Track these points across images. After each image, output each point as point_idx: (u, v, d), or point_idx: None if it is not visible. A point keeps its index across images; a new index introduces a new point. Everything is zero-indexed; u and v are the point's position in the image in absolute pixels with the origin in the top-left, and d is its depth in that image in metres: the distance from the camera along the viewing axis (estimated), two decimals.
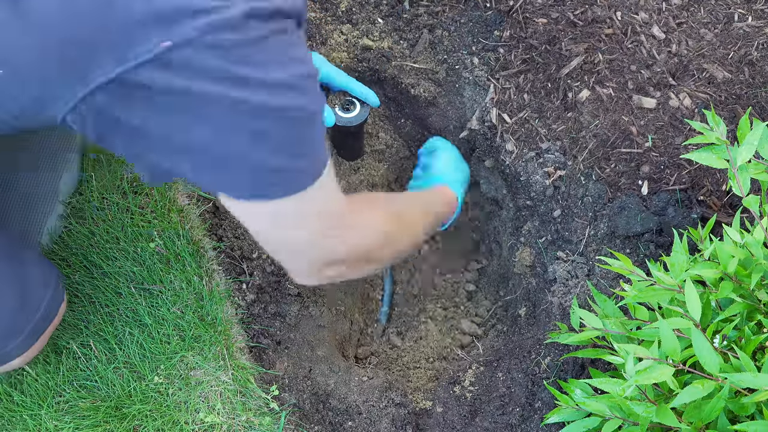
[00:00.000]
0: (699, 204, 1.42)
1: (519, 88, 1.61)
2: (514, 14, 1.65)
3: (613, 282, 1.41)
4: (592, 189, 1.48)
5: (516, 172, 1.56)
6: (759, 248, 1.04)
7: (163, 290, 1.42)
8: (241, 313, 1.47)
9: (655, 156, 1.48)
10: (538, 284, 1.54)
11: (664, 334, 0.95)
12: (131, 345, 1.37)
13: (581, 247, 1.48)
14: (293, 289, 1.56)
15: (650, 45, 1.58)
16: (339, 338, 1.56)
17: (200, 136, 0.93)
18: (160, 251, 1.45)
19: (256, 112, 0.92)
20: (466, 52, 1.67)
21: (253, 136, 0.94)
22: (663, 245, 1.41)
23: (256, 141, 0.95)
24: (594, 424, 1.10)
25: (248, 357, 1.44)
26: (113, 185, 1.51)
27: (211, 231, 1.55)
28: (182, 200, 1.53)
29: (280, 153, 0.97)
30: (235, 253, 1.55)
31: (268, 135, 0.95)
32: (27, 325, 1.25)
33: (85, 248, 1.46)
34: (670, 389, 1.01)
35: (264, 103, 0.92)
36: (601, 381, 1.00)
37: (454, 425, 1.42)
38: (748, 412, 0.96)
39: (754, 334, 1.01)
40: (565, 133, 1.54)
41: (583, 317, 1.14)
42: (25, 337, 1.26)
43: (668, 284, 1.04)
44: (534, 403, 1.37)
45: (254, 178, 0.99)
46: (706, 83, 1.54)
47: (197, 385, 1.35)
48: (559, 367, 1.38)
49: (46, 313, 1.28)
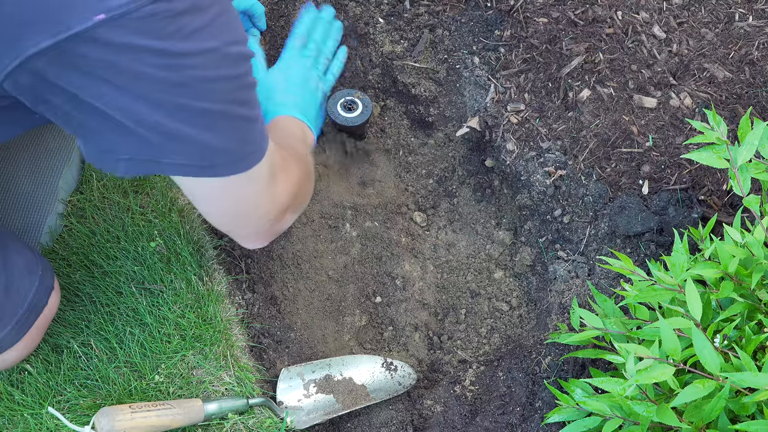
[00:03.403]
0: (700, 204, 1.42)
1: (520, 88, 1.61)
2: (515, 14, 1.65)
3: (613, 282, 1.41)
4: (593, 188, 1.48)
5: (516, 171, 1.56)
6: (759, 248, 1.04)
7: (163, 289, 1.42)
8: (242, 313, 1.48)
9: (656, 155, 1.48)
10: (538, 284, 1.54)
11: (664, 333, 0.95)
12: (132, 344, 1.37)
13: (582, 246, 1.48)
14: (293, 288, 1.56)
15: (651, 44, 1.58)
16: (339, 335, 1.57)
17: (134, 111, 0.94)
18: (160, 250, 1.45)
19: (188, 87, 0.94)
20: (466, 52, 1.67)
21: (189, 113, 0.95)
22: (663, 245, 1.41)
23: (192, 118, 0.96)
24: (594, 424, 1.10)
25: (249, 356, 1.44)
26: (114, 184, 1.51)
27: (212, 230, 1.55)
28: (183, 200, 1.53)
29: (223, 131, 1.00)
30: (236, 252, 1.55)
31: (206, 112, 0.97)
32: (14, 315, 1.24)
33: (85, 247, 1.46)
34: (670, 389, 1.01)
35: (198, 77, 0.93)
36: (601, 380, 1.00)
37: (455, 425, 1.42)
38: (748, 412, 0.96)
39: (754, 333, 1.01)
40: (566, 132, 1.54)
41: (583, 317, 1.14)
42: (13, 327, 1.24)
43: (669, 284, 1.04)
44: (534, 403, 1.37)
45: (197, 156, 1.01)
46: (706, 83, 1.54)
47: (199, 384, 1.35)
48: (559, 367, 1.38)
49: (35, 302, 1.27)
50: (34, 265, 1.28)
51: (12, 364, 1.32)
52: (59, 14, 0.86)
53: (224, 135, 1.01)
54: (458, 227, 1.66)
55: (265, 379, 1.44)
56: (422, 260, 1.63)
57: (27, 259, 1.27)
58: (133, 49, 0.88)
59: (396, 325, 1.57)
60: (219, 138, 1.00)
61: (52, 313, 1.32)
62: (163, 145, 0.98)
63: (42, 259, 1.31)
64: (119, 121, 0.95)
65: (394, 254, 1.62)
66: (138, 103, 0.93)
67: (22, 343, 1.28)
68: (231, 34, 0.98)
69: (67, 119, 0.98)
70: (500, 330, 1.55)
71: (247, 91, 1.03)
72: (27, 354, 1.32)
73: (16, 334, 1.26)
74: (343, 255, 1.61)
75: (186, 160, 1.01)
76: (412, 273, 1.62)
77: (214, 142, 1.00)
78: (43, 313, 1.29)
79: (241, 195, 1.12)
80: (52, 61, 0.88)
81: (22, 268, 1.26)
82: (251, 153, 1.07)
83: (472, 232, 1.65)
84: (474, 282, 1.61)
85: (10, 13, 0.86)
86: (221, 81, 0.97)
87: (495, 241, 1.63)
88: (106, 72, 0.90)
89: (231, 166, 1.05)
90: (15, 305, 1.24)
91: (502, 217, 1.64)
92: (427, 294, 1.60)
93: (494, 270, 1.61)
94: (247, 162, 1.06)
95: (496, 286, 1.59)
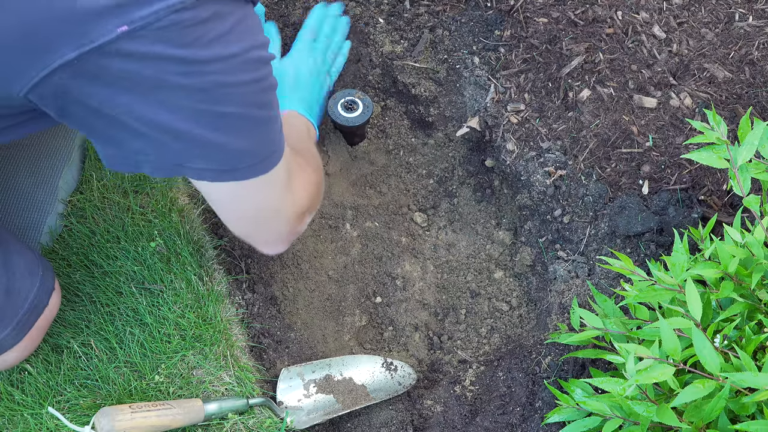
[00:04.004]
0: (700, 203, 1.42)
1: (520, 88, 1.61)
2: (515, 14, 1.65)
3: (613, 282, 1.41)
4: (593, 188, 1.48)
5: (516, 171, 1.56)
6: (760, 248, 1.04)
7: (163, 289, 1.42)
8: (242, 313, 1.48)
9: (656, 155, 1.48)
10: (538, 284, 1.54)
11: (664, 333, 0.95)
12: (132, 344, 1.37)
13: (582, 246, 1.48)
14: (293, 288, 1.56)
15: (651, 44, 1.58)
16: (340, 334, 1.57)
17: (157, 120, 0.95)
18: (160, 250, 1.45)
19: (210, 93, 0.95)
20: (466, 52, 1.67)
21: (210, 119, 0.96)
22: (663, 245, 1.41)
23: (214, 123, 0.97)
24: (594, 424, 1.10)
25: (249, 356, 1.44)
26: (114, 184, 1.51)
27: (212, 230, 1.55)
28: (183, 200, 1.53)
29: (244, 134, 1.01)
30: (236, 252, 1.55)
31: (227, 116, 0.97)
32: (15, 316, 1.24)
33: (85, 247, 1.46)
34: (670, 389, 1.01)
35: (220, 82, 0.94)
36: (601, 380, 1.00)
37: (455, 425, 1.42)
38: (748, 412, 0.96)
39: (754, 333, 1.01)
40: (566, 132, 1.54)
41: (583, 317, 1.14)
42: (14, 328, 1.25)
43: (669, 284, 1.04)
44: (534, 403, 1.37)
45: (219, 160, 1.01)
46: (706, 83, 1.54)
47: (199, 384, 1.35)
48: (559, 367, 1.38)
49: (36, 303, 1.27)
50: (35, 266, 1.28)
51: (12, 364, 1.32)
52: (84, 27, 0.87)
53: (245, 138, 1.02)
54: (458, 227, 1.66)
55: (265, 379, 1.44)
56: (422, 260, 1.63)
57: (28, 260, 1.27)
58: (155, 59, 0.90)
59: (396, 325, 1.57)
60: (240, 141, 1.01)
61: (52, 314, 1.32)
62: (186, 151, 0.99)
63: (42, 259, 1.31)
64: (142, 131, 0.96)
65: (395, 254, 1.62)
66: (161, 112, 0.94)
67: (23, 343, 1.28)
68: (252, 39, 0.99)
69: (90, 129, 1.00)
70: (500, 330, 1.55)
71: (267, 93, 1.04)
72: (27, 355, 1.32)
73: (17, 335, 1.26)
74: (344, 255, 1.61)
75: (207, 165, 1.02)
76: (413, 273, 1.62)
77: (235, 145, 1.01)
78: (43, 314, 1.29)
79: (261, 198, 1.12)
80: (76, 73, 0.89)
81: (23, 269, 1.26)
82: (271, 154, 1.08)
83: (472, 232, 1.65)
84: (474, 282, 1.61)
85: (36, 25, 0.87)
86: (242, 86, 0.98)
87: (495, 241, 1.63)
88: (128, 82, 0.91)
89: (252, 169, 1.06)
90: (16, 306, 1.24)
91: (502, 217, 1.64)
92: (427, 294, 1.61)
93: (494, 270, 1.61)
94: (267, 164, 1.07)
95: (496, 286, 1.60)
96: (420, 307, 1.59)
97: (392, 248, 1.63)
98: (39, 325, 1.29)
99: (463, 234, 1.66)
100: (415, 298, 1.59)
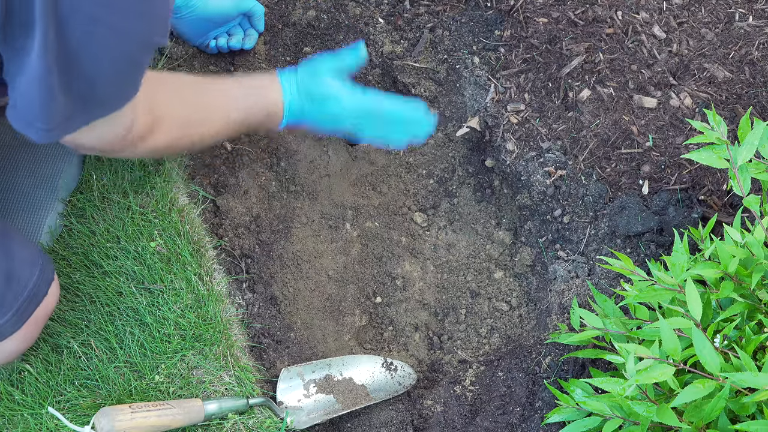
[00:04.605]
0: (700, 203, 1.42)
1: (520, 88, 1.61)
2: (515, 14, 1.66)
3: (613, 282, 1.41)
4: (593, 188, 1.48)
5: (516, 171, 1.56)
6: (759, 248, 1.04)
7: (163, 289, 1.42)
8: (242, 313, 1.48)
9: (656, 155, 1.48)
10: (538, 284, 1.54)
11: (664, 333, 0.95)
12: (132, 344, 1.37)
13: (582, 246, 1.48)
14: (293, 288, 1.56)
15: (651, 44, 1.58)
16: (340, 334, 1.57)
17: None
18: (160, 250, 1.45)
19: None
20: (466, 52, 1.67)
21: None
22: (663, 245, 1.41)
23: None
24: (594, 424, 1.10)
25: (249, 356, 1.44)
26: (114, 184, 1.51)
27: (212, 230, 1.55)
28: (183, 200, 1.53)
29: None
30: (235, 252, 1.55)
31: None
32: (14, 302, 1.24)
33: (85, 247, 1.46)
34: (670, 389, 1.01)
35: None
36: (601, 380, 1.00)
37: (455, 425, 1.42)
38: (748, 412, 0.96)
39: (754, 333, 1.01)
40: (566, 132, 1.54)
41: (583, 317, 1.14)
42: (14, 314, 1.25)
43: (669, 284, 1.04)
44: (534, 403, 1.37)
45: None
46: (706, 83, 1.54)
47: (199, 384, 1.35)
48: (559, 367, 1.38)
49: (35, 291, 1.27)
50: (35, 257, 1.29)
51: (10, 356, 1.31)
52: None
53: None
54: (458, 227, 1.66)
55: (265, 379, 1.44)
56: (422, 260, 1.63)
57: (29, 251, 1.28)
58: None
59: (396, 325, 1.57)
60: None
61: (51, 305, 1.31)
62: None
63: (43, 253, 1.32)
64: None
65: (395, 254, 1.62)
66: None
67: (21, 332, 1.28)
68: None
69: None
70: (500, 330, 1.55)
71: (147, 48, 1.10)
72: (26, 347, 1.31)
73: (16, 323, 1.26)
74: (344, 255, 1.61)
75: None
76: (413, 273, 1.62)
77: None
78: (42, 303, 1.29)
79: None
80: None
81: (24, 258, 1.26)
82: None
83: (472, 232, 1.65)
84: (474, 282, 1.61)
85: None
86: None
87: (495, 241, 1.63)
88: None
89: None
90: (15, 293, 1.25)
91: (502, 217, 1.64)
92: (427, 294, 1.61)
93: (494, 270, 1.61)
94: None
95: (496, 286, 1.60)
96: (420, 307, 1.59)
97: (392, 248, 1.63)
98: (38, 315, 1.29)
99: (463, 234, 1.66)
100: (415, 298, 1.60)
